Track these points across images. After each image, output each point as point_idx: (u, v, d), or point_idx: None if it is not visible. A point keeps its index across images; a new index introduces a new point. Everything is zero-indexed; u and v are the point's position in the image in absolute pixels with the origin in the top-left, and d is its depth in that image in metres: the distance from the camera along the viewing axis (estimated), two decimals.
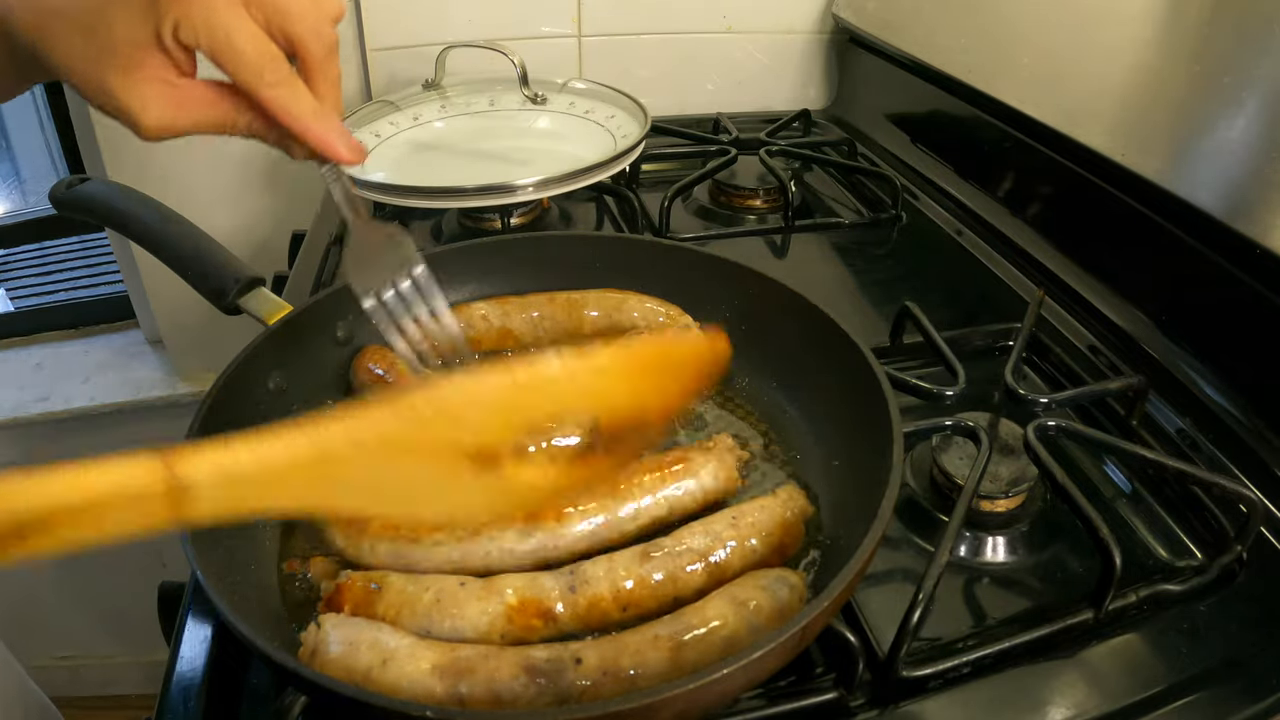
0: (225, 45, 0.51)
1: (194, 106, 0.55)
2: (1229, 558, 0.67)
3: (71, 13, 0.52)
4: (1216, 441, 0.78)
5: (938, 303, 0.95)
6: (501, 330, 0.86)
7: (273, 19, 0.53)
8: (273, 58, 0.53)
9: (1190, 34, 0.94)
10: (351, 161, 0.58)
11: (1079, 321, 0.96)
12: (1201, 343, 0.85)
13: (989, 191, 1.19)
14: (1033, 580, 0.68)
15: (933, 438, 0.75)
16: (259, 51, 0.52)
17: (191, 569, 0.54)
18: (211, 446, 0.37)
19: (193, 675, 0.58)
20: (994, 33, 1.21)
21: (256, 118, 0.56)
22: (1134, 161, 0.89)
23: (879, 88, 1.49)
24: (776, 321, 0.80)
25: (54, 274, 1.99)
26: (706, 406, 0.81)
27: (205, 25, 0.51)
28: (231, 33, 0.51)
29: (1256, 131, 0.81)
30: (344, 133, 0.57)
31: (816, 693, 0.57)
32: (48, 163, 2.16)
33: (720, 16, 1.52)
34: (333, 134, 0.56)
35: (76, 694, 1.99)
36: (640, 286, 0.88)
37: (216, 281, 0.80)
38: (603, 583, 0.59)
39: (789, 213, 1.19)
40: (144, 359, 1.73)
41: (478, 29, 1.42)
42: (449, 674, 0.52)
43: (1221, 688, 0.59)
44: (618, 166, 1.11)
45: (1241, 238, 0.76)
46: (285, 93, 0.54)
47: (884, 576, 0.67)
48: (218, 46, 0.51)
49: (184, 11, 0.50)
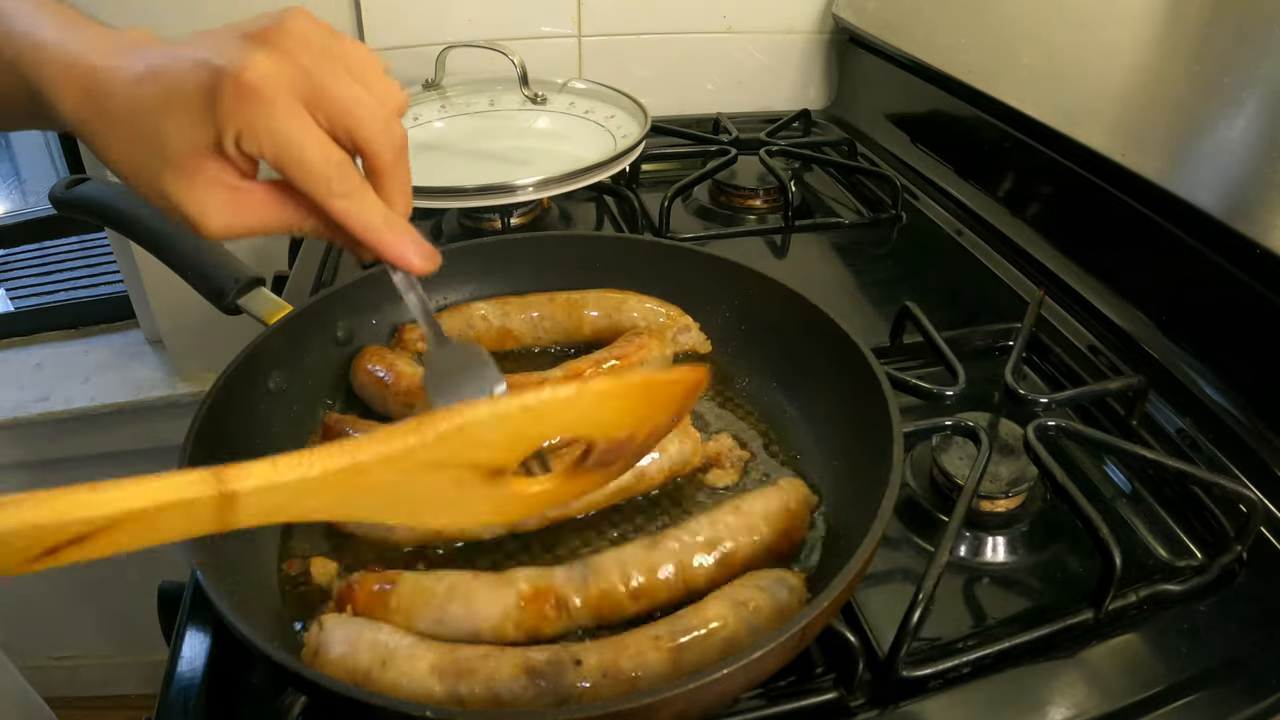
0: (291, 157, 0.49)
1: (257, 210, 0.52)
2: (1229, 558, 0.67)
3: (126, 118, 0.49)
4: (1216, 441, 0.78)
5: (938, 303, 0.95)
6: (501, 330, 0.86)
7: (337, 121, 0.50)
8: (340, 166, 0.50)
9: (1190, 34, 0.94)
10: (425, 272, 0.54)
11: (1079, 321, 0.96)
12: (1201, 343, 0.85)
13: (989, 191, 1.19)
14: (1033, 580, 0.68)
15: (933, 438, 0.75)
16: (326, 160, 0.49)
17: (191, 569, 0.54)
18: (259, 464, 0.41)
19: (192, 675, 0.58)
20: (994, 33, 1.21)
21: (323, 222, 0.53)
22: (1134, 161, 0.89)
23: (879, 88, 1.49)
24: (776, 321, 0.80)
25: (54, 274, 1.98)
26: (707, 406, 0.81)
27: (269, 135, 0.48)
28: (297, 143, 0.48)
29: (1256, 131, 0.81)
30: (418, 241, 0.53)
31: (816, 693, 0.57)
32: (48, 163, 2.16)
33: (720, 16, 1.52)
34: (406, 243, 0.53)
35: (76, 694, 1.99)
36: (640, 286, 0.88)
37: (216, 281, 0.80)
38: (613, 573, 0.60)
39: (789, 213, 1.19)
40: (144, 359, 1.73)
41: (478, 29, 1.42)
42: (448, 674, 0.52)
43: (1221, 688, 0.59)
44: (618, 166, 1.11)
45: (1241, 238, 0.76)
46: (355, 204, 0.51)
47: (884, 576, 0.67)
48: (283, 158, 0.49)
49: (246, 121, 0.48)
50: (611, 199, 1.26)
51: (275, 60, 0.48)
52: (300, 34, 0.50)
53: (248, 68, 0.47)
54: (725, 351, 0.86)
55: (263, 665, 0.59)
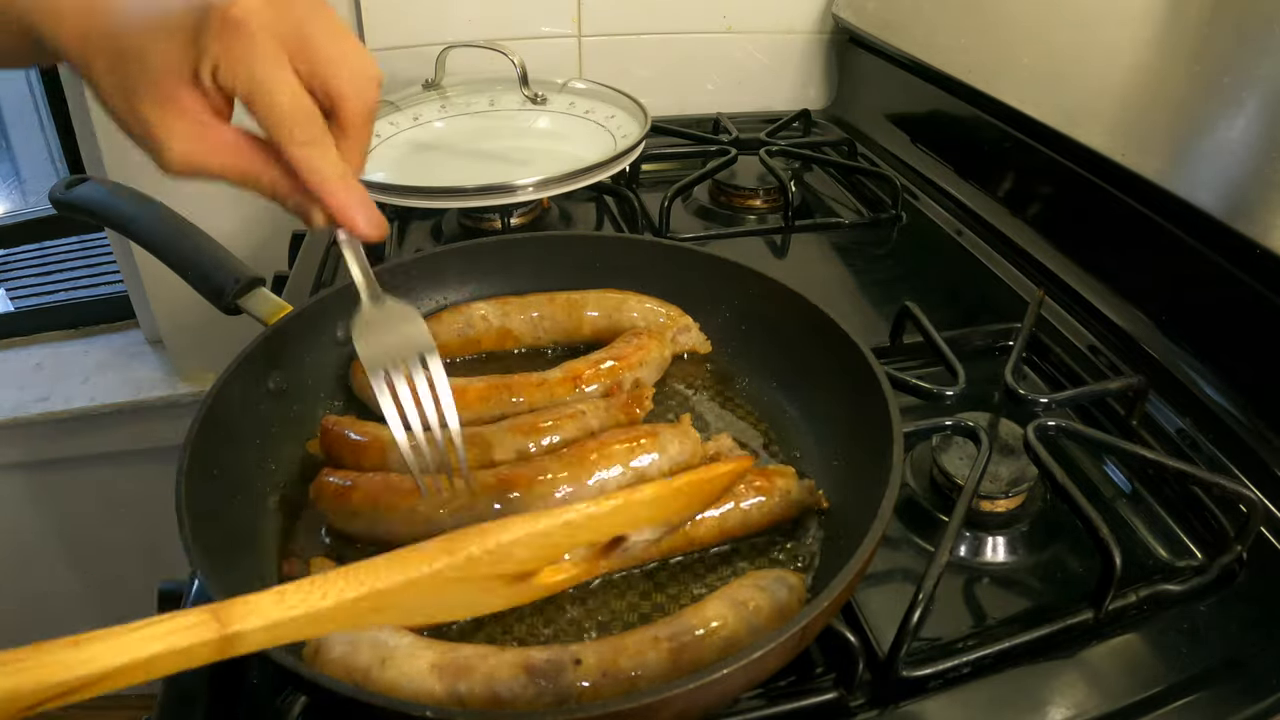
0: (261, 95, 0.50)
1: (221, 149, 0.53)
2: (1229, 558, 0.67)
3: (117, 34, 0.51)
4: (1216, 441, 0.78)
5: (938, 303, 0.95)
6: (501, 330, 0.86)
7: (317, 71, 0.51)
8: (307, 114, 0.51)
9: (1190, 34, 0.94)
10: (369, 238, 0.56)
11: (1079, 321, 0.96)
12: (1201, 343, 0.85)
13: (989, 191, 1.19)
14: (1033, 580, 0.68)
15: (933, 438, 0.75)
16: (295, 107, 0.51)
17: (191, 569, 0.54)
18: (264, 599, 0.38)
19: (192, 676, 0.58)
20: (994, 33, 1.21)
21: (281, 175, 0.54)
22: (1134, 161, 0.89)
23: (879, 88, 1.49)
24: (776, 321, 0.80)
25: (54, 274, 1.98)
26: (707, 407, 0.81)
27: (245, 72, 0.49)
28: (270, 84, 0.50)
29: (1256, 131, 0.81)
30: (367, 203, 0.55)
31: (816, 693, 0.57)
32: (48, 163, 2.15)
33: (720, 16, 1.52)
34: (355, 202, 0.55)
35: None
36: (640, 286, 0.88)
37: (216, 281, 0.80)
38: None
39: (789, 213, 1.19)
40: (144, 359, 1.73)
41: (478, 29, 1.42)
42: (448, 673, 0.52)
43: (1221, 688, 0.59)
44: (618, 166, 1.11)
45: (1241, 238, 0.76)
46: (315, 152, 0.52)
47: (884, 576, 0.67)
48: (254, 95, 0.50)
49: (225, 54, 0.49)
50: (611, 199, 1.26)
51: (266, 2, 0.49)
52: None
53: (236, 3, 0.48)
54: (725, 351, 0.86)
55: (263, 665, 0.59)
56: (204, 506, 0.58)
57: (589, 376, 0.79)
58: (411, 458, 0.60)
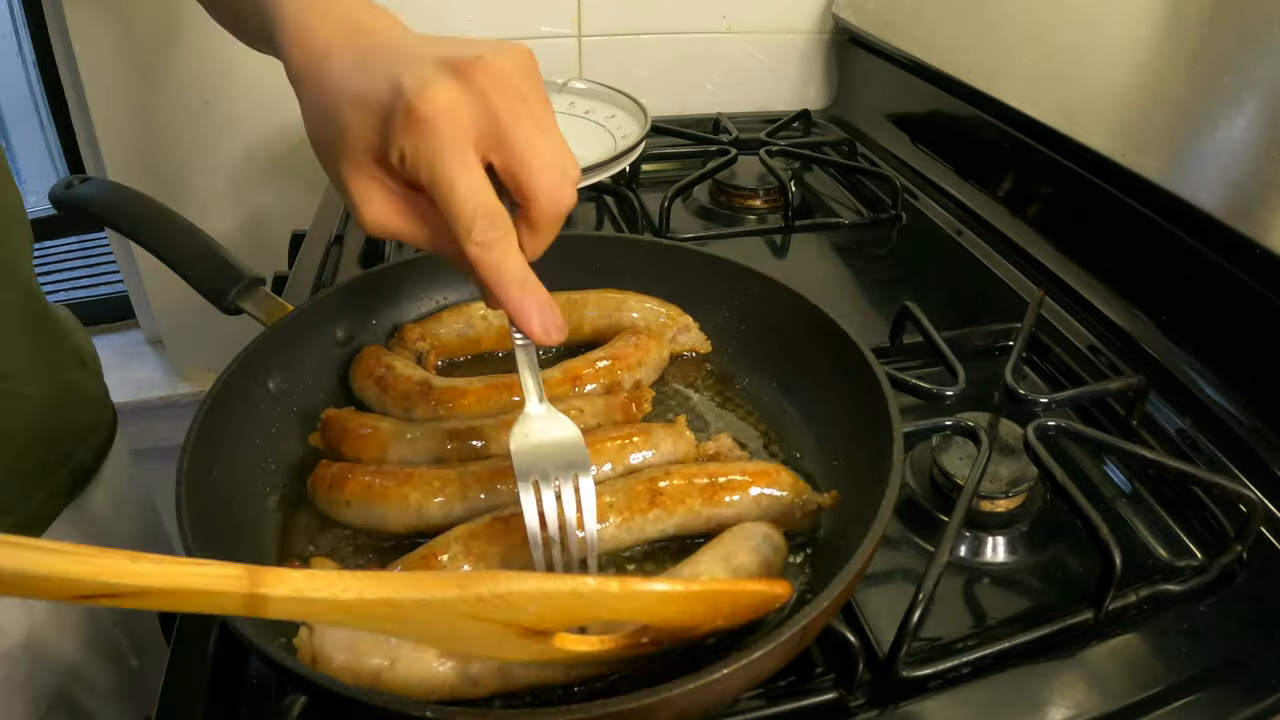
0: (441, 192, 0.49)
1: (411, 219, 0.53)
2: (1229, 558, 0.67)
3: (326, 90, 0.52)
4: (1216, 441, 0.78)
5: (938, 303, 0.95)
6: (501, 330, 0.86)
7: (509, 167, 0.50)
8: (487, 214, 0.50)
9: (1190, 34, 0.94)
10: (544, 343, 0.54)
11: (1079, 321, 0.96)
12: (1201, 343, 0.85)
13: (989, 191, 1.19)
14: (1033, 580, 0.68)
15: (933, 438, 0.75)
16: (475, 205, 0.49)
17: None
18: (296, 575, 0.41)
19: (193, 675, 0.58)
20: (994, 33, 1.21)
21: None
22: (1134, 161, 0.89)
23: (879, 88, 1.49)
24: (776, 321, 0.80)
25: (54, 274, 1.98)
26: (707, 406, 0.81)
27: (428, 166, 0.49)
28: (451, 181, 0.49)
29: (1256, 131, 0.81)
30: (544, 308, 0.53)
31: (816, 693, 0.57)
32: (48, 163, 2.15)
33: (720, 16, 1.52)
34: (531, 307, 0.53)
35: None
36: (640, 286, 0.88)
37: (216, 281, 0.80)
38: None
39: (789, 213, 1.19)
40: (144, 359, 1.73)
41: (477, 29, 1.42)
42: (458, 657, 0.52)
43: (1221, 688, 0.59)
44: (618, 166, 1.11)
45: (1241, 238, 0.76)
46: (493, 255, 0.51)
47: (884, 576, 0.67)
48: (435, 190, 0.50)
49: (413, 146, 0.49)
50: (611, 199, 1.26)
51: (460, 93, 0.49)
52: (499, 71, 0.50)
53: (426, 97, 0.48)
54: (725, 351, 0.86)
55: (263, 665, 0.59)
56: (204, 506, 0.58)
57: (588, 376, 0.79)
58: (541, 561, 0.57)
